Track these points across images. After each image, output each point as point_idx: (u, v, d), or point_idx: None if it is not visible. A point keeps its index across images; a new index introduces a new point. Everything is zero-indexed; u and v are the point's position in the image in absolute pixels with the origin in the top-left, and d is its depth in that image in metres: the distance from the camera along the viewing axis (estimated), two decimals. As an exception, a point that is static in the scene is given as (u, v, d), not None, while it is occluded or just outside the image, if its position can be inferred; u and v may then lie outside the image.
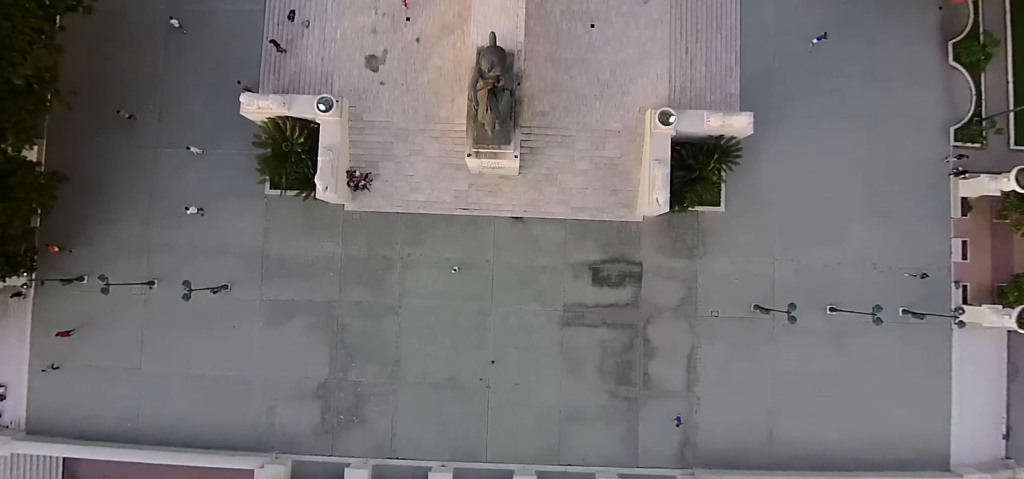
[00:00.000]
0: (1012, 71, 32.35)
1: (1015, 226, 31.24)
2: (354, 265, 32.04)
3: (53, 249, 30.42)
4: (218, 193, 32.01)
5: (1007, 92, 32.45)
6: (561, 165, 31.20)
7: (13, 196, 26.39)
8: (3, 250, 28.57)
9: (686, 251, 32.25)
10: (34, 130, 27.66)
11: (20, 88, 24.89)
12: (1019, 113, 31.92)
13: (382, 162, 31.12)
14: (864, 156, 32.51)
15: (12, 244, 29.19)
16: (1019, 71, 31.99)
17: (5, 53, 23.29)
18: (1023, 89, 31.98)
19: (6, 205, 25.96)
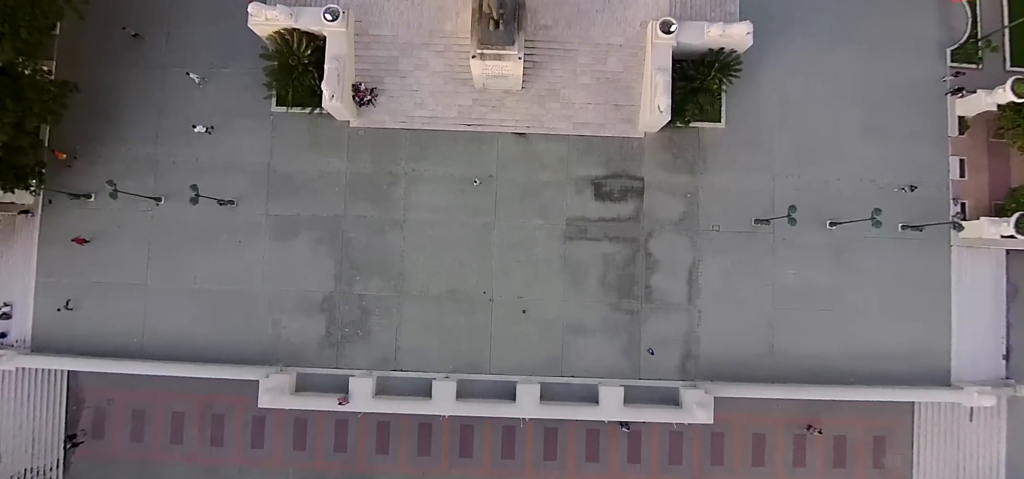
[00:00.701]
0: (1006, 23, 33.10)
1: (1011, 141, 32.02)
2: (359, 181, 32.60)
3: (60, 155, 30.96)
4: (225, 112, 32.56)
5: (1002, 12, 33.31)
6: (564, 80, 31.89)
7: (25, 96, 27.14)
8: (12, 161, 29.29)
9: (687, 166, 32.91)
10: (46, 30, 28.36)
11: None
12: (1015, 31, 32.74)
13: (387, 78, 31.79)
14: (862, 76, 33.13)
15: (21, 155, 29.91)
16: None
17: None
18: (1018, 8, 32.93)
19: (18, 105, 26.63)
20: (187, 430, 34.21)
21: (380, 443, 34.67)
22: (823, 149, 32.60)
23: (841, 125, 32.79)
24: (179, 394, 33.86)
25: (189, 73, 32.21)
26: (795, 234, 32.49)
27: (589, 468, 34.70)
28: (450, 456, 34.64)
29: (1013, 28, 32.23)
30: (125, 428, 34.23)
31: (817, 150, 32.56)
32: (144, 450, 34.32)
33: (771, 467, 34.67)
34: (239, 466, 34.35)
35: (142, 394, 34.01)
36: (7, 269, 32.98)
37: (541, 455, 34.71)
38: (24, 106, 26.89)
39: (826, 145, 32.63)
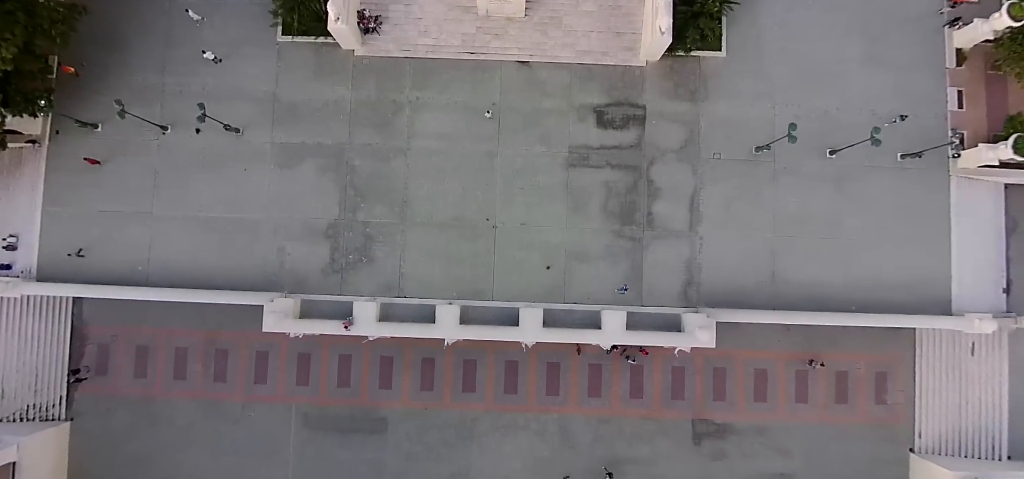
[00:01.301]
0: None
1: (1009, 69, 32.50)
2: (363, 109, 33.00)
3: (68, 69, 31.45)
4: (231, 41, 32.91)
5: None
6: (566, 7, 32.43)
7: (37, 13, 27.74)
8: (21, 86, 29.86)
9: (688, 95, 33.41)
10: None
11: None
12: None
13: (392, 5, 32.31)
14: (861, 6, 33.59)
15: (30, 79, 30.51)
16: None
17: None
18: None
19: (30, 20, 27.21)
20: (191, 366, 34.46)
21: (383, 377, 34.94)
22: (822, 79, 33.05)
23: (840, 55, 33.28)
24: (182, 330, 34.16)
25: (188, 10, 32.66)
26: (796, 162, 33.07)
27: (591, 403, 34.93)
28: (453, 390, 34.88)
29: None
30: (128, 364, 34.40)
31: (817, 79, 33.02)
32: (147, 386, 34.52)
33: (773, 402, 35.02)
34: (242, 403, 34.55)
35: (145, 330, 34.33)
36: (12, 201, 33.16)
37: (543, 389, 34.99)
38: (35, 22, 27.47)
39: (825, 75, 33.11)
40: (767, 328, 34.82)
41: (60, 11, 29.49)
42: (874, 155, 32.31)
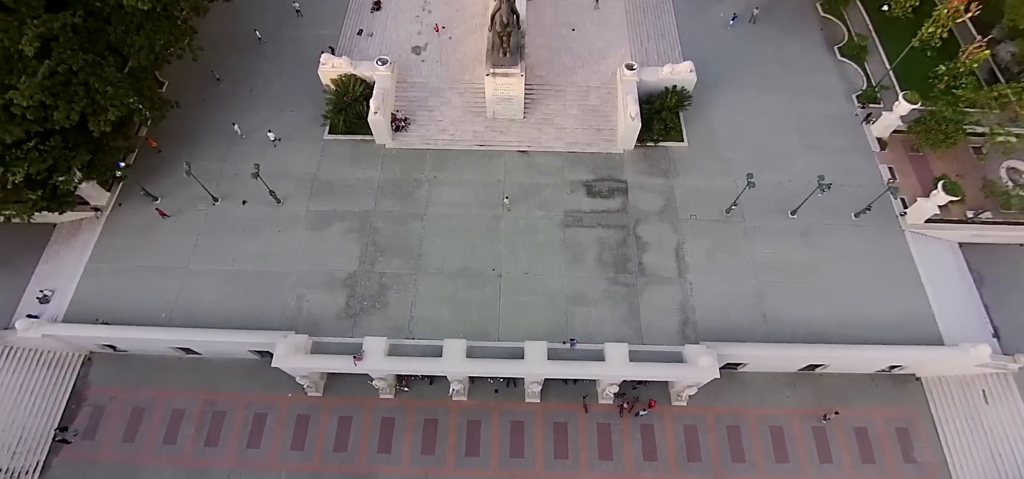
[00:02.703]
0: (884, 54, 44.87)
1: (926, 144, 39.63)
2: (389, 184, 38.73)
3: (152, 142, 37.95)
4: (287, 138, 40.63)
5: (885, 66, 44.40)
6: (556, 111, 40.96)
7: (142, 87, 35.95)
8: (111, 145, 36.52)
9: (661, 173, 39.65)
10: (170, 56, 38.14)
11: (176, 17, 37.32)
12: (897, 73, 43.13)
13: (418, 111, 40.90)
14: (792, 114, 42.19)
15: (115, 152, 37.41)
16: (888, 52, 44.57)
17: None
18: (893, 57, 43.87)
19: (139, 96, 35.27)
20: (184, 430, 33.99)
21: (383, 440, 34.11)
22: (771, 159, 39.71)
23: (782, 144, 40.73)
24: (181, 391, 34.71)
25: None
26: (763, 220, 37.91)
27: (603, 466, 33.48)
28: (456, 454, 33.79)
29: (896, 68, 43.10)
30: (119, 427, 33.99)
31: (766, 160, 39.62)
32: (133, 452, 33.59)
33: (795, 463, 33.68)
34: (229, 469, 33.25)
35: (145, 392, 34.81)
36: (60, 261, 36.73)
37: (551, 452, 33.88)
38: (140, 101, 35.63)
39: (773, 156, 39.96)
40: (773, 383, 35.46)
41: (159, 98, 37.97)
42: (831, 214, 37.89)
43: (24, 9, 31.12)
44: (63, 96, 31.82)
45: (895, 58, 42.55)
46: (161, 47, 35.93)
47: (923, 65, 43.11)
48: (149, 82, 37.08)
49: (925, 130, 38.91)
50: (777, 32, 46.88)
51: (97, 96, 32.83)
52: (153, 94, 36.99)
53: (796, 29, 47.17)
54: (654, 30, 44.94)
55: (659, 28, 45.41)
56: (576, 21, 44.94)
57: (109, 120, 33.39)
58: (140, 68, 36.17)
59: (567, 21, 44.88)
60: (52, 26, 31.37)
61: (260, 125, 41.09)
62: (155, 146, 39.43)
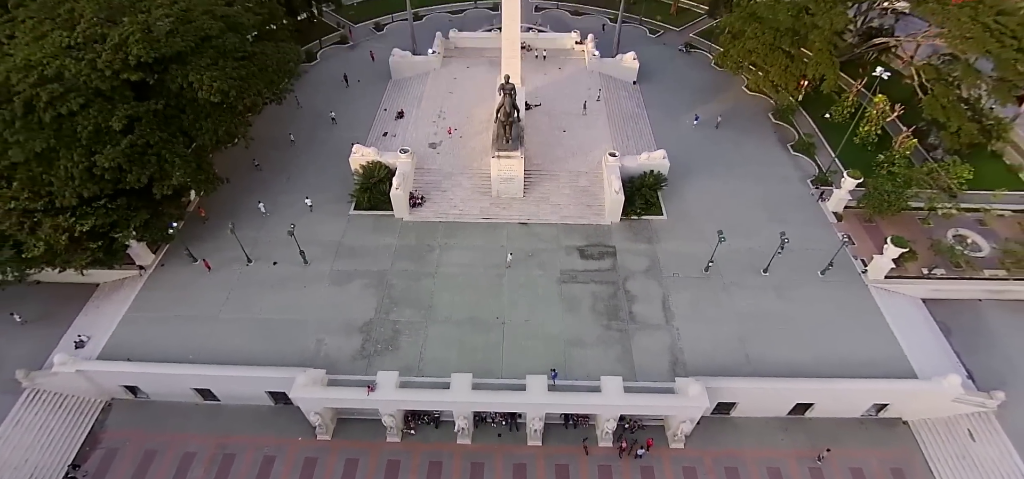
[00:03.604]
0: (830, 148, 51.92)
1: (876, 212, 44.71)
2: (405, 249, 42.95)
3: (202, 211, 42.73)
4: (317, 215, 46.13)
5: (831, 156, 51.19)
6: (551, 191, 46.58)
7: (201, 163, 41.69)
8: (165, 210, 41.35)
9: (645, 239, 44.05)
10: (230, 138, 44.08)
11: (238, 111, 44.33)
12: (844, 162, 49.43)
13: (433, 191, 46.54)
14: (756, 194, 47.92)
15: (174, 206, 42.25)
16: (833, 145, 51.51)
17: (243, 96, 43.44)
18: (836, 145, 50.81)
19: (195, 171, 41.00)
20: (193, 471, 34.55)
21: (388, 483, 34.50)
22: (741, 230, 44.06)
23: (750, 217, 45.63)
24: (195, 435, 35.83)
25: (306, 198, 46.44)
26: (739, 277, 41.57)
27: (604, 508, 33.57)
28: (460, 496, 34.01)
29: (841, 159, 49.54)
30: (130, 469, 34.61)
31: (737, 230, 43.71)
32: (138, 496, 33.98)
33: (797, 506, 33.76)
34: (232, 514, 33.33)
35: (159, 436, 35.86)
36: (100, 312, 39.65)
37: (553, 493, 34.15)
38: (201, 171, 41.34)
39: (742, 227, 44.42)
40: (767, 427, 36.67)
41: (213, 175, 43.73)
42: (799, 272, 41.80)
43: (118, 97, 38.07)
44: (138, 163, 37.55)
45: (839, 151, 49.40)
46: (223, 133, 42.60)
47: (865, 157, 49.87)
48: (207, 161, 43.13)
49: (871, 201, 44.25)
50: (737, 134, 54.59)
51: (165, 165, 38.60)
52: (209, 171, 42.86)
53: (753, 132, 55.00)
54: (632, 131, 52.63)
55: (637, 130, 53.19)
56: (566, 125, 52.81)
57: (171, 185, 38.80)
58: (202, 148, 42.44)
59: (559, 125, 52.74)
60: (138, 110, 38.20)
61: (291, 204, 46.40)
62: (203, 215, 44.50)
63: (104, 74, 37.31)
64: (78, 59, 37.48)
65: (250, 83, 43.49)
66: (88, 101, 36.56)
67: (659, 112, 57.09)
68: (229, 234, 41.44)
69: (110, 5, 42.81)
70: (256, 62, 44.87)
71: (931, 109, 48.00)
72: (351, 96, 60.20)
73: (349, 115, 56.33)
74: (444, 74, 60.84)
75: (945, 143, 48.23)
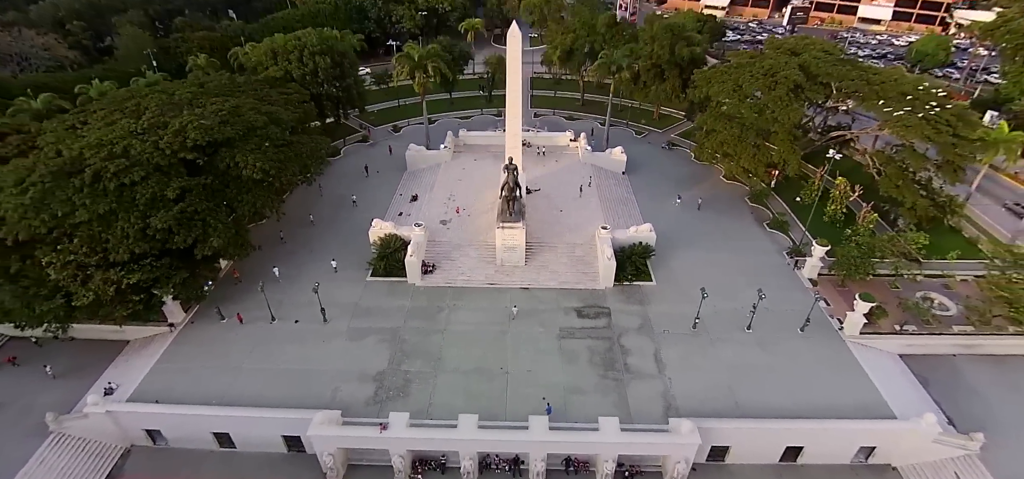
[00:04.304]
0: (801, 225, 56.61)
1: (849, 277, 48.28)
2: (417, 310, 46.17)
3: (236, 273, 46.20)
4: (337, 280, 49.82)
5: (802, 230, 55.67)
6: (550, 260, 50.63)
7: (239, 231, 46.10)
8: (200, 274, 45.11)
9: (637, 302, 47.35)
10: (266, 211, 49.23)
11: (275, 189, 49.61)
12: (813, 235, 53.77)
13: (443, 260, 50.61)
14: (737, 264, 51.91)
15: (207, 270, 45.89)
16: (804, 222, 56.34)
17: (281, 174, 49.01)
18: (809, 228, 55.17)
19: (234, 237, 45.36)
20: (203, 517, 35.47)
21: (394, 528, 35.06)
22: (724, 294, 47.24)
23: (732, 283, 49.02)
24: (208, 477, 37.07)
25: (332, 261, 50.85)
26: (725, 333, 44.34)
27: (606, 550, 33.87)
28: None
29: (813, 234, 53.93)
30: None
31: (720, 294, 47.03)
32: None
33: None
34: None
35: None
36: (130, 364, 42.11)
37: (555, 536, 34.60)
38: (239, 238, 45.73)
39: (725, 291, 47.65)
40: (760, 474, 37.71)
41: (248, 242, 48.00)
42: (781, 329, 44.76)
43: (173, 172, 43.55)
44: (185, 226, 42.12)
45: (810, 228, 54.24)
46: (259, 206, 47.74)
47: (834, 232, 54.40)
48: (243, 230, 47.77)
49: (841, 266, 48.17)
50: (717, 215, 59.79)
51: (208, 230, 43.14)
52: (244, 238, 47.36)
53: (731, 212, 60.26)
54: (622, 211, 57.94)
55: (626, 210, 58.52)
56: (563, 206, 58.25)
57: (211, 247, 43.02)
58: (240, 218, 47.25)
59: (557, 206, 58.21)
60: (189, 183, 43.54)
61: (313, 273, 50.15)
62: (237, 276, 48.36)
63: (164, 153, 43.01)
64: (143, 141, 43.38)
65: (287, 166, 49.42)
66: (148, 174, 41.81)
67: (645, 197, 62.84)
68: (254, 295, 44.98)
69: (171, 101, 50.07)
70: (293, 149, 51.20)
71: (886, 188, 53.47)
72: (370, 184, 66.40)
73: (368, 199, 62.00)
74: (454, 166, 67.53)
75: (903, 217, 53.00)
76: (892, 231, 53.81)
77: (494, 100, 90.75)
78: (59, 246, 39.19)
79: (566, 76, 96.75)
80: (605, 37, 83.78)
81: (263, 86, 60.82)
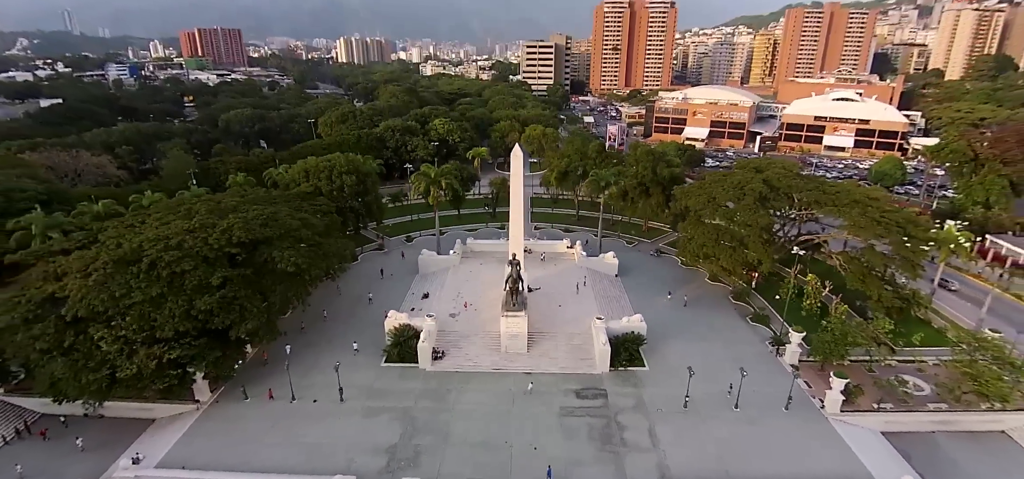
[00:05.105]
0: (782, 318, 60.97)
1: (822, 359, 51.69)
2: (427, 391, 49.10)
3: (264, 355, 49.46)
4: (355, 365, 53.09)
5: (782, 324, 59.69)
6: (550, 348, 54.41)
7: (270, 317, 50.47)
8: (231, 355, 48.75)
9: (632, 385, 50.42)
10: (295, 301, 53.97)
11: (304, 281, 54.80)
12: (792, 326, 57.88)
13: (451, 348, 54.38)
14: (724, 353, 55.61)
15: (236, 351, 49.47)
16: (783, 315, 60.70)
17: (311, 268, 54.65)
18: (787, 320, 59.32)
19: (268, 323, 49.72)
20: None
21: None
22: (712, 377, 50.67)
23: (719, 369, 52.28)
24: None
25: (354, 343, 55.17)
26: (715, 412, 47.06)
27: None
28: None
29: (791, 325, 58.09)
30: None
31: (709, 378, 50.50)
32: None
33: None
34: None
35: None
36: (154, 439, 44.53)
37: None
38: (269, 323, 50.09)
39: (714, 376, 50.95)
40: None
41: (276, 328, 52.13)
42: (767, 408, 47.78)
43: (218, 263, 49.28)
44: (225, 310, 46.89)
45: (788, 320, 58.79)
46: (291, 296, 52.85)
47: (812, 323, 58.72)
48: (274, 316, 52.32)
49: (817, 350, 52.05)
50: (703, 311, 64.51)
51: (245, 314, 47.84)
52: (274, 324, 51.81)
53: (716, 309, 65.00)
54: (616, 306, 62.80)
55: (619, 306, 63.38)
56: (562, 301, 63.18)
57: (246, 329, 47.40)
58: (272, 306, 52.00)
59: (556, 301, 63.16)
60: (231, 273, 49.09)
61: (330, 361, 53.70)
62: (265, 358, 52.02)
63: (213, 247, 49.08)
64: (194, 237, 49.66)
65: (316, 262, 55.32)
66: (197, 265, 47.47)
67: (637, 295, 67.96)
68: (276, 377, 48.37)
69: (218, 206, 57.24)
70: (321, 249, 57.42)
71: (852, 282, 58.89)
72: (385, 285, 71.82)
73: (383, 297, 67.05)
74: (462, 269, 73.48)
75: (871, 309, 57.71)
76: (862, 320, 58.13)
77: (498, 216, 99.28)
78: (113, 322, 43.62)
79: (562, 195, 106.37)
80: (595, 161, 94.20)
81: (296, 199, 68.70)
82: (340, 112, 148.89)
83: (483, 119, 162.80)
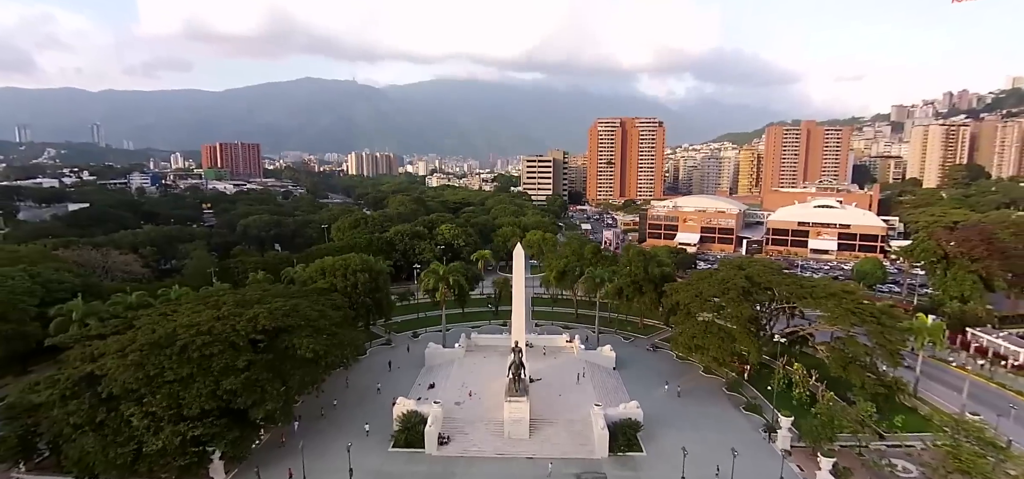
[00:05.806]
0: (774, 407, 63.14)
1: (812, 442, 53.50)
2: (433, 474, 50.64)
3: (283, 437, 51.47)
4: (364, 449, 54.77)
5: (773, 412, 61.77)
6: (552, 434, 56.34)
7: (288, 400, 53.14)
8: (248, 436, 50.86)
9: (630, 468, 51.99)
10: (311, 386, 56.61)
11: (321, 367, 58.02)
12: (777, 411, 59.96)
13: (456, 434, 56.30)
14: (718, 439, 57.44)
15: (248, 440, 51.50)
16: (774, 404, 62.91)
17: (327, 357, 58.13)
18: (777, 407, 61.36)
19: (284, 405, 52.44)
20: None
21: None
22: (708, 462, 52.29)
23: (714, 453, 53.86)
24: None
25: (366, 424, 57.45)
26: (711, 492, 48.59)
27: None
28: None
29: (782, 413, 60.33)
30: None
31: (704, 462, 52.09)
32: None
33: None
34: None
35: None
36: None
37: None
38: (287, 406, 52.77)
39: (709, 459, 52.67)
40: None
41: (292, 411, 54.55)
42: (731, 448, 49.29)
43: (243, 347, 53.31)
44: (247, 391, 50.17)
45: (779, 407, 61.38)
46: (307, 381, 56.11)
47: (802, 412, 61.11)
48: (291, 400, 55.19)
49: (807, 435, 54.27)
50: (697, 401, 67.00)
51: (265, 396, 51.00)
52: (290, 408, 54.57)
53: (710, 399, 67.49)
54: (614, 396, 65.34)
55: (617, 395, 65.90)
56: (562, 390, 65.94)
57: (266, 409, 50.31)
58: (290, 389, 55.09)
59: (557, 390, 65.94)
60: (254, 357, 52.97)
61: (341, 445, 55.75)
62: (284, 440, 54.04)
63: (240, 333, 53.36)
64: (223, 324, 54.12)
65: (332, 350, 59.21)
66: (224, 349, 51.52)
67: (634, 385, 70.59)
68: (290, 460, 50.51)
69: (244, 299, 62.20)
70: (337, 338, 61.51)
71: (835, 370, 62.13)
72: (393, 377, 74.59)
73: (391, 388, 69.68)
74: (467, 361, 76.67)
75: (854, 394, 60.42)
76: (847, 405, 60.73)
77: (500, 313, 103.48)
78: (144, 400, 46.77)
79: (561, 295, 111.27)
80: (591, 261, 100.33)
81: (313, 293, 73.77)
82: (352, 218, 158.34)
83: (486, 225, 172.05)
